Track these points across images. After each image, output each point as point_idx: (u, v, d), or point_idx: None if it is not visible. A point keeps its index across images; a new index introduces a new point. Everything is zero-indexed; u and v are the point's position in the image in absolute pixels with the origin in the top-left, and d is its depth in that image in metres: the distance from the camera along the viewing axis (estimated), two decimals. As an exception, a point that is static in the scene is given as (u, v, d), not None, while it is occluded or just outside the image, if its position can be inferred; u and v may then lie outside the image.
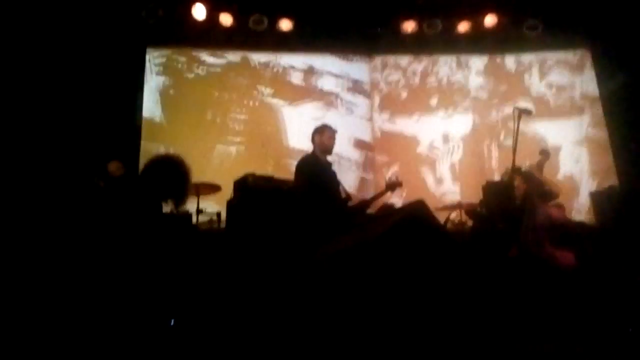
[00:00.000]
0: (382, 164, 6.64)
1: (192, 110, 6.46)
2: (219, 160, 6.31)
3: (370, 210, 4.41)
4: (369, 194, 5.72)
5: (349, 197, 4.15)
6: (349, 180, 6.14)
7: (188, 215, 4.00)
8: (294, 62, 6.81)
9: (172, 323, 2.58)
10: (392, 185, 4.52)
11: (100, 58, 5.89)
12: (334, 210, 3.80)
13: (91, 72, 5.81)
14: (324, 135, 4.10)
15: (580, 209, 6.16)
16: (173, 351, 2.41)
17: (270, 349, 2.48)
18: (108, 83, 5.89)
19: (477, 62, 6.96)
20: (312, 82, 6.79)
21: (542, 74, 6.87)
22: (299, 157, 4.22)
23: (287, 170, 5.37)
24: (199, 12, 6.10)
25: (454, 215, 5.41)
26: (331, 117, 6.31)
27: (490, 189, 4.28)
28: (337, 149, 4.25)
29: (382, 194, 4.58)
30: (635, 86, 6.07)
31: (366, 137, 6.72)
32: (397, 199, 5.71)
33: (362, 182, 6.55)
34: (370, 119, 6.79)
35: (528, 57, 6.93)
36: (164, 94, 6.49)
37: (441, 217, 4.92)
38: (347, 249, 3.08)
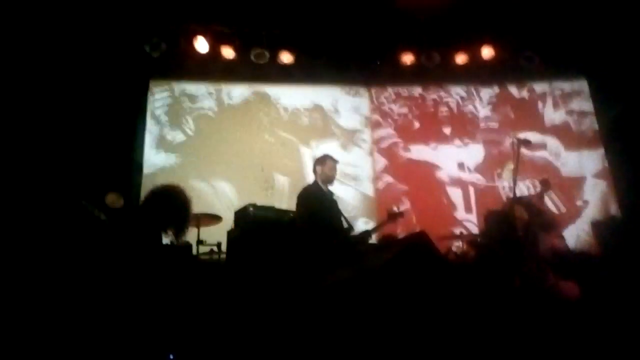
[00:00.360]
0: (401, 192, 6.65)
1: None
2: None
3: (373, 240, 4.40)
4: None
5: (350, 227, 4.15)
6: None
7: (188, 246, 3.98)
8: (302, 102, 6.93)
9: (171, 357, 2.54)
10: (394, 216, 4.52)
11: (103, 90, 5.98)
12: (335, 241, 3.79)
13: (95, 104, 5.89)
14: (325, 166, 4.12)
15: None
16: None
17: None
18: (110, 116, 5.96)
19: (488, 91, 7.04)
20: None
21: (557, 103, 6.93)
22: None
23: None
24: (202, 45, 6.22)
25: (455, 245, 5.38)
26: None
27: (492, 217, 4.27)
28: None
29: (383, 224, 4.57)
30: (633, 115, 6.13)
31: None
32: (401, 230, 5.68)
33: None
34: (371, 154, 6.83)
35: (541, 86, 6.99)
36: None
37: (443, 248, 4.90)
38: (349, 279, 3.06)
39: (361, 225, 5.79)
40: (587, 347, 3.11)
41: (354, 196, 6.48)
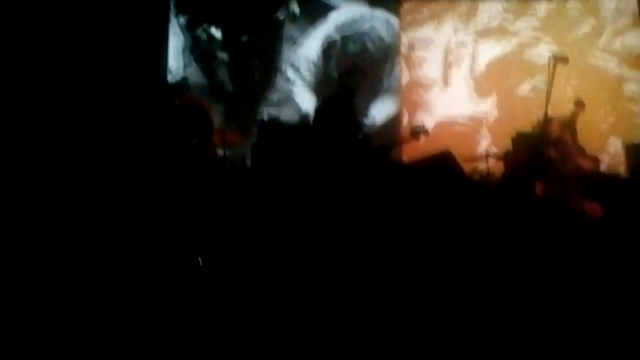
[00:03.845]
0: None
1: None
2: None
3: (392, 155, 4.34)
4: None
5: (368, 141, 4.07)
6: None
7: (215, 158, 4.03)
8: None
9: (200, 262, 2.65)
10: (417, 133, 4.40)
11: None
12: (351, 155, 3.74)
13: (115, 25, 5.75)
14: (353, 77, 3.98)
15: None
16: (199, 293, 2.48)
17: (294, 289, 2.54)
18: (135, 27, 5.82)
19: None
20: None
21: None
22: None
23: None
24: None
25: (481, 166, 5.32)
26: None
27: (521, 139, 4.17)
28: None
29: (405, 140, 4.47)
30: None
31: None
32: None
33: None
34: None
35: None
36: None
37: (468, 168, 4.85)
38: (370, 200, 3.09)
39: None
40: (606, 267, 3.14)
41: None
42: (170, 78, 6.33)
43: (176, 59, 6.45)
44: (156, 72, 6.08)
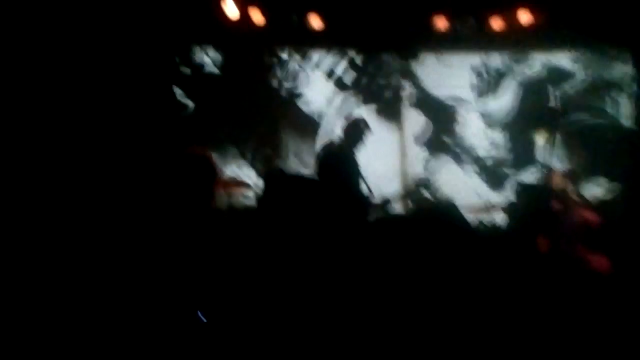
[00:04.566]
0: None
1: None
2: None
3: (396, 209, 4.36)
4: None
5: (372, 193, 4.08)
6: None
7: (219, 209, 4.04)
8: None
9: (202, 317, 2.60)
10: (419, 185, 4.44)
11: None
12: (355, 207, 3.75)
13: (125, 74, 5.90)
14: (357, 130, 4.03)
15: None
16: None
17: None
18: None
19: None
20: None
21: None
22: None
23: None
24: (231, 9, 6.13)
25: (485, 218, 5.31)
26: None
27: (524, 190, 4.19)
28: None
29: (408, 193, 4.50)
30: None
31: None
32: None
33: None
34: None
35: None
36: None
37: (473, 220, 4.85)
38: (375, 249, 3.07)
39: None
40: (613, 321, 3.08)
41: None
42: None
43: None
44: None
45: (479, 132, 6.63)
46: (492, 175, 6.40)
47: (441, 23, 6.33)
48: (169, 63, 6.45)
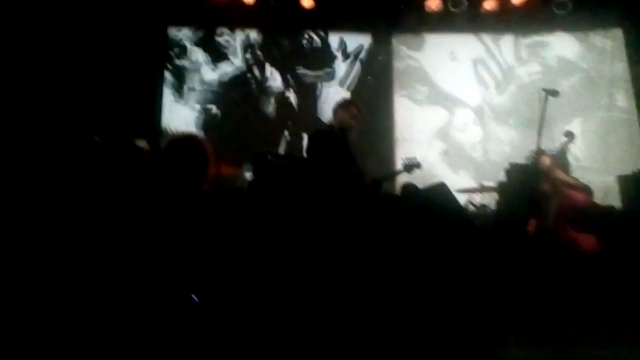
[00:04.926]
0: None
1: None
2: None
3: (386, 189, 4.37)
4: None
5: (361, 174, 4.09)
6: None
7: (211, 191, 4.04)
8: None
9: (195, 299, 2.62)
10: (410, 167, 4.44)
11: (121, 39, 5.91)
12: (345, 188, 3.76)
13: (113, 54, 5.84)
14: (348, 111, 4.00)
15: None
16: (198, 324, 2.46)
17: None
18: (130, 66, 5.91)
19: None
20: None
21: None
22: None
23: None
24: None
25: (475, 198, 5.36)
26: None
27: (514, 170, 4.21)
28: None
29: (397, 173, 4.50)
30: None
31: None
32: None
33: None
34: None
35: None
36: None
37: (462, 200, 4.89)
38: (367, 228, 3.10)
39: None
40: (602, 301, 3.13)
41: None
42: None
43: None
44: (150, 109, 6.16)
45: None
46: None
47: (433, 3, 6.29)
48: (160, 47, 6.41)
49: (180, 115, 6.44)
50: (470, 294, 2.78)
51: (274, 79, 6.67)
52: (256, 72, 6.66)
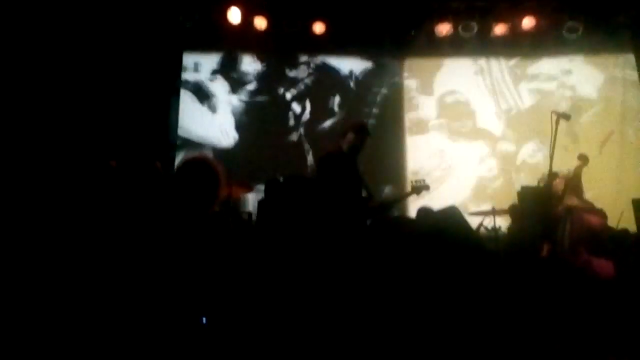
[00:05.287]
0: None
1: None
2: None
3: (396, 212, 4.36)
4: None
5: (370, 196, 4.08)
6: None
7: (220, 214, 4.06)
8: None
9: (204, 321, 2.61)
10: (419, 188, 4.43)
11: (137, 62, 6.03)
12: (354, 210, 3.75)
13: (128, 77, 5.96)
14: (359, 136, 4.02)
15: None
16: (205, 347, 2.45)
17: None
18: (145, 88, 6.03)
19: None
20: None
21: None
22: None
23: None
24: (235, 15, 6.20)
25: (487, 221, 5.30)
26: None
27: (527, 193, 4.17)
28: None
29: (407, 196, 4.49)
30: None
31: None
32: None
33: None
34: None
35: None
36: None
37: (474, 223, 4.84)
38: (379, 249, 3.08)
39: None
40: (619, 326, 3.05)
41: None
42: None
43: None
44: (164, 130, 6.25)
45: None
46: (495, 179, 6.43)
47: (444, 28, 6.36)
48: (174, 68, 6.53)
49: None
50: (481, 317, 2.73)
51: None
52: (295, 105, 6.76)
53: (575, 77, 6.73)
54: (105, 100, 5.76)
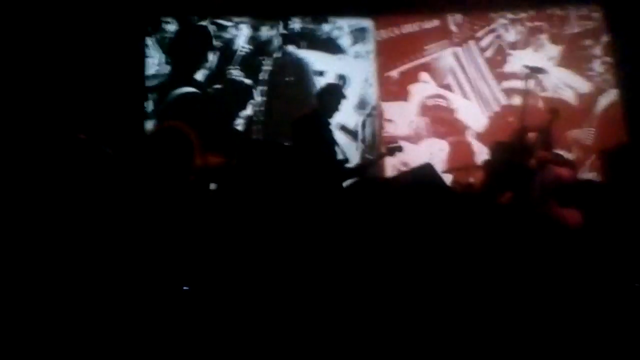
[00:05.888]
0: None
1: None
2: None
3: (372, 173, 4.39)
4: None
5: (346, 159, 4.11)
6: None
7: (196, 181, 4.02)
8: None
9: (185, 288, 2.62)
10: (392, 149, 4.47)
11: (103, 29, 5.81)
12: (331, 172, 3.78)
13: (94, 42, 5.76)
14: (333, 97, 4.00)
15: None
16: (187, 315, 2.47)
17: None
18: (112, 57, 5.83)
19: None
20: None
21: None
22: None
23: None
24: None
25: (461, 177, 5.39)
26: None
27: (499, 148, 4.24)
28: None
29: (380, 157, 4.53)
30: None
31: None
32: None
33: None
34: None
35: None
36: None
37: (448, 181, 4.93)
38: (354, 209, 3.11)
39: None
40: (585, 274, 3.18)
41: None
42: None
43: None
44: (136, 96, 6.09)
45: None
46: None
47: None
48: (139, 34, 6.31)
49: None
50: (459, 273, 2.81)
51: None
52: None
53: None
54: (70, 70, 5.58)
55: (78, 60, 5.63)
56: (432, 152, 6.22)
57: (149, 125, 6.02)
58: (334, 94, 4.03)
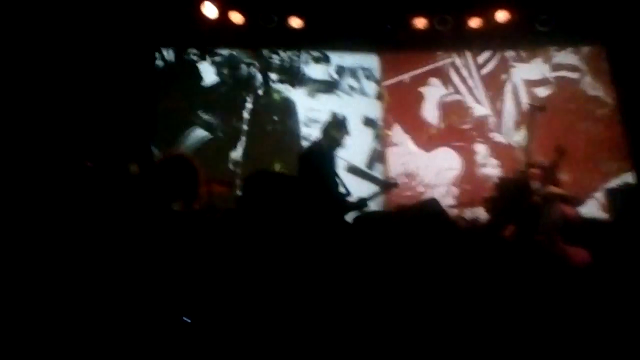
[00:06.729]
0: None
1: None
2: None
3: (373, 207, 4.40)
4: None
5: (348, 192, 4.11)
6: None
7: (202, 211, 4.02)
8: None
9: (186, 320, 2.58)
10: (389, 186, 4.52)
11: (112, 60, 5.92)
12: (334, 205, 3.78)
13: (103, 75, 5.85)
14: (340, 132, 4.03)
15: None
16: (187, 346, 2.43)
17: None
18: (120, 86, 5.92)
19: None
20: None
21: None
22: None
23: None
24: (210, 10, 6.12)
25: (466, 213, 5.38)
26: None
27: (505, 184, 4.24)
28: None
29: (378, 194, 4.57)
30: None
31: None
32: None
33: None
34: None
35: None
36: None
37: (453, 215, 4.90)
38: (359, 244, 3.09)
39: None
40: (594, 313, 3.13)
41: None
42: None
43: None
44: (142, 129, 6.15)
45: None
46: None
47: (420, 22, 6.40)
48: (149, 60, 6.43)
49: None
50: (463, 309, 2.76)
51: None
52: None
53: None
54: (80, 99, 5.65)
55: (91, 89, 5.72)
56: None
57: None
58: (340, 128, 4.08)
